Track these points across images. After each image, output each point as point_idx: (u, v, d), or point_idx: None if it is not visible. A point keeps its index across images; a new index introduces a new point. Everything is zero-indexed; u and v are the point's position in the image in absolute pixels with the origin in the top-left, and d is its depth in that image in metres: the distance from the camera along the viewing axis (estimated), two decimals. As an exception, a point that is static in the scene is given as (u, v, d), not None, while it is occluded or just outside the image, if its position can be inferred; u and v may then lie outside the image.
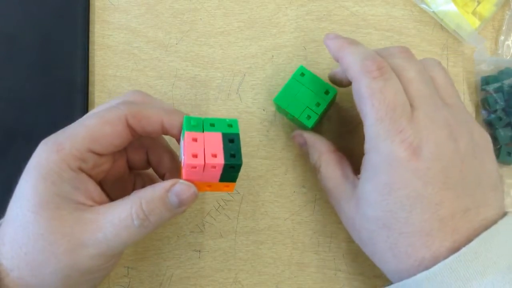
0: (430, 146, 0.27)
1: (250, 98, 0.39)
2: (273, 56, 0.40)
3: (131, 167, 0.34)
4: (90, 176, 0.29)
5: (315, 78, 0.35)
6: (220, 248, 0.37)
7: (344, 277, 0.36)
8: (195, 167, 0.27)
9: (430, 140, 0.28)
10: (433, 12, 0.40)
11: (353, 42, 0.32)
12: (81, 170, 0.29)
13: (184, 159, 0.27)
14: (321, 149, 0.34)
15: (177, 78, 0.40)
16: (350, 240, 0.37)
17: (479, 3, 0.40)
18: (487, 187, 0.29)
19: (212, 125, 0.29)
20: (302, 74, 0.35)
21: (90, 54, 0.40)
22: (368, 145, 0.29)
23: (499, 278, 0.26)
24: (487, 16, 0.40)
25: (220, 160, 0.27)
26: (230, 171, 0.28)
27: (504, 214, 0.29)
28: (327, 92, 0.35)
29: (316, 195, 0.37)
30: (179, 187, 0.28)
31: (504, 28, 0.40)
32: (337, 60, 0.32)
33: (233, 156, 0.28)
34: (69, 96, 0.39)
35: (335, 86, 0.35)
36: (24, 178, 0.28)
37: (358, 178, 0.30)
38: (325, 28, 0.40)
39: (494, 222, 0.28)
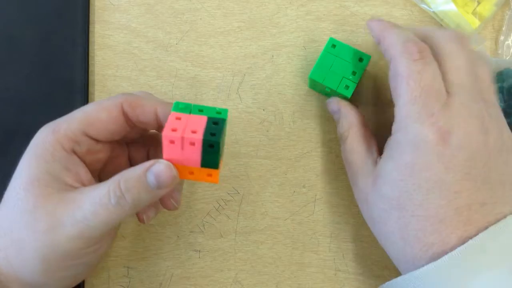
0: (459, 134, 0.27)
1: (250, 98, 0.39)
2: (273, 56, 0.40)
3: (132, 165, 0.34)
4: (85, 162, 0.30)
5: (347, 48, 0.36)
6: (220, 248, 0.37)
7: (344, 277, 0.36)
8: (173, 141, 0.27)
9: (461, 128, 0.28)
10: (433, 12, 0.40)
11: (397, 25, 0.32)
12: (75, 152, 0.29)
13: (163, 133, 0.27)
14: (352, 121, 0.33)
15: (177, 78, 0.40)
16: (350, 240, 0.37)
17: (479, 3, 0.40)
18: (508, 186, 0.28)
19: (201, 110, 0.29)
20: (334, 46, 0.36)
21: (90, 54, 0.40)
22: (396, 126, 0.29)
23: (505, 274, 0.26)
24: (487, 16, 0.40)
25: (199, 135, 0.27)
26: (210, 152, 0.27)
27: None
28: (361, 60, 0.35)
29: (316, 195, 0.37)
30: (158, 167, 0.27)
31: (504, 28, 0.40)
32: (378, 41, 0.32)
33: (213, 134, 0.27)
34: (69, 96, 0.39)
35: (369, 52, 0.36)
36: (22, 159, 0.29)
37: (381, 158, 0.30)
38: (325, 28, 0.40)
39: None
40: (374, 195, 0.30)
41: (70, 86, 0.39)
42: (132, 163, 0.33)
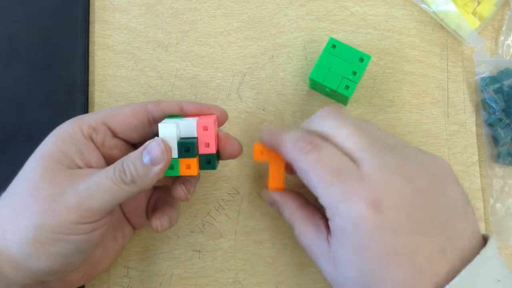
0: (389, 196, 0.27)
1: (250, 98, 0.39)
2: (273, 56, 0.40)
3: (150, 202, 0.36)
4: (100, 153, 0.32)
5: (347, 48, 0.36)
6: (220, 248, 0.37)
7: (344, 277, 0.36)
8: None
9: (387, 190, 0.27)
10: (433, 12, 0.40)
11: (282, 131, 0.32)
12: (92, 140, 0.31)
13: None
14: (291, 206, 0.33)
15: (177, 78, 0.40)
16: (350, 240, 0.37)
17: (479, 3, 0.40)
18: (457, 216, 0.28)
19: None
20: (334, 46, 0.36)
21: (90, 54, 0.40)
22: (330, 213, 0.28)
23: None
24: (487, 16, 0.40)
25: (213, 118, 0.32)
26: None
27: (481, 238, 0.28)
28: (361, 60, 0.35)
29: (316, 195, 0.37)
30: (151, 144, 0.29)
31: (504, 28, 0.40)
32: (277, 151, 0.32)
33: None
34: (69, 96, 0.39)
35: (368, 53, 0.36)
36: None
37: (331, 237, 0.29)
38: (325, 28, 0.40)
39: (472, 250, 0.27)
40: (341, 279, 0.29)
41: (70, 86, 0.39)
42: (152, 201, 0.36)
